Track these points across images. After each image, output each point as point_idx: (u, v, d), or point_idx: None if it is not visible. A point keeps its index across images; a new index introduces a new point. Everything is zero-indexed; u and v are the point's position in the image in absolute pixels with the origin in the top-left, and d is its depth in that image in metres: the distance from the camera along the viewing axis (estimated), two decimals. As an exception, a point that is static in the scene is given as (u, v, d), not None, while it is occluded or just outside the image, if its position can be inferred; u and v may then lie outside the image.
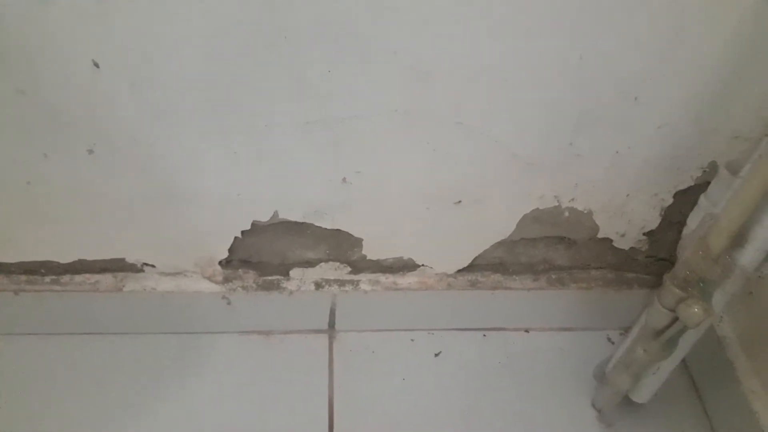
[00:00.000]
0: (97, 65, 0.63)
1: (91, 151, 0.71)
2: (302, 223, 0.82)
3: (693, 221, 0.75)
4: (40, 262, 0.85)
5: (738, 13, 0.63)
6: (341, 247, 0.86)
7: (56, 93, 0.65)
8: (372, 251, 0.87)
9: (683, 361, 0.87)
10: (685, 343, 0.75)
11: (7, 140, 0.69)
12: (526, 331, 0.98)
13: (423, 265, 0.90)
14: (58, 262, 0.85)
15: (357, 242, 0.85)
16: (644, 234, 0.88)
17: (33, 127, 0.68)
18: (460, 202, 0.80)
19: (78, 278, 0.87)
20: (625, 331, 0.96)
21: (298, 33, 0.62)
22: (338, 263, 0.88)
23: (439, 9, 0.61)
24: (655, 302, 0.70)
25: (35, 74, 0.63)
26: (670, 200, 0.83)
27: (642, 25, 0.64)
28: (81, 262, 0.85)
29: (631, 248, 0.90)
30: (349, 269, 0.89)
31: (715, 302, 0.68)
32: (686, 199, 0.82)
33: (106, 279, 0.87)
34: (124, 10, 0.59)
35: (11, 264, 0.85)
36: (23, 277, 0.86)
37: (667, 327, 0.71)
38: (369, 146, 0.73)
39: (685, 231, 0.77)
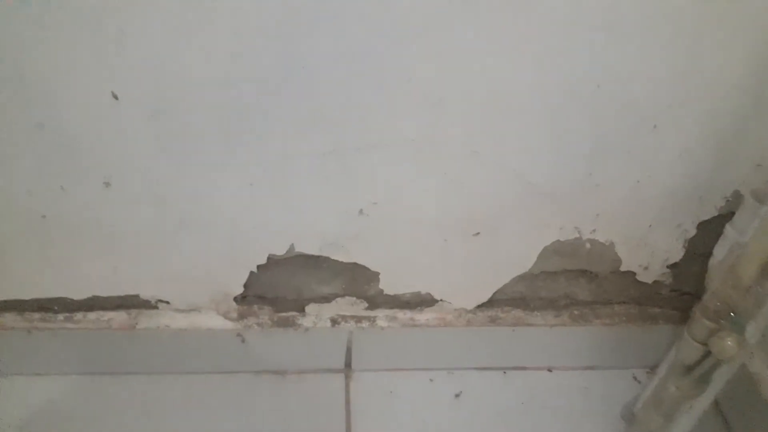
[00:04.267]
0: (116, 97, 0.64)
1: (107, 184, 0.71)
2: (318, 256, 0.80)
3: (719, 252, 0.73)
4: (53, 298, 0.84)
5: (757, 37, 0.63)
6: (358, 281, 0.84)
7: (75, 125, 0.66)
8: (389, 285, 0.85)
9: (715, 401, 0.83)
10: (719, 379, 0.71)
11: (24, 173, 0.70)
12: (549, 370, 0.95)
13: (441, 300, 0.88)
14: (72, 299, 0.84)
15: (374, 276, 0.83)
16: (668, 266, 0.85)
17: (51, 160, 0.68)
18: (478, 233, 0.79)
19: (91, 315, 0.85)
20: (652, 369, 0.93)
21: (315, 63, 0.62)
22: (355, 298, 0.87)
23: (452, 36, 0.61)
24: (685, 335, 0.68)
25: (55, 107, 0.64)
26: (694, 231, 0.81)
27: (659, 52, 0.64)
28: (95, 298, 0.84)
29: (655, 282, 0.87)
30: (365, 305, 0.87)
31: (748, 335, 0.65)
32: (710, 230, 0.80)
33: (120, 316, 0.86)
34: (142, 41, 0.60)
35: (25, 301, 0.84)
36: (36, 315, 0.85)
37: (699, 362, 0.68)
38: (385, 177, 0.73)
39: (712, 261, 0.74)
